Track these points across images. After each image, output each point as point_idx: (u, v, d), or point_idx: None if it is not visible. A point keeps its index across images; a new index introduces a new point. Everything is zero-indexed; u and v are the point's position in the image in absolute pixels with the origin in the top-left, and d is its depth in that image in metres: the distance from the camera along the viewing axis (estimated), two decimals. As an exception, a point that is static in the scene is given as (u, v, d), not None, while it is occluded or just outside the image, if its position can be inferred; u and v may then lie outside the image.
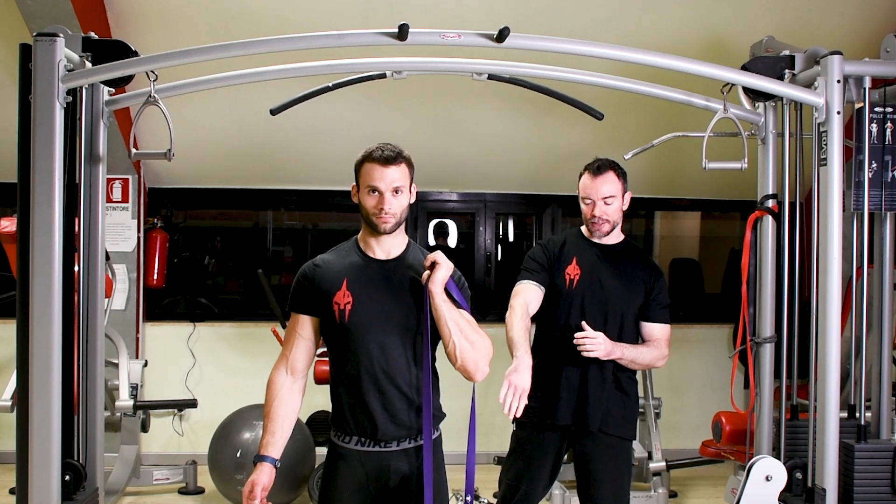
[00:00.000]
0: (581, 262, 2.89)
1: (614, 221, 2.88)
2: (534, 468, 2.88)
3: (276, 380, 2.29)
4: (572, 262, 2.90)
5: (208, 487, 4.61)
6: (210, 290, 6.31)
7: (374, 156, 2.23)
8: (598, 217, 2.85)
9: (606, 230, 2.88)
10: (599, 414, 2.81)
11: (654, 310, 2.87)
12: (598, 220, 2.85)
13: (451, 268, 2.21)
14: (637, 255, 2.96)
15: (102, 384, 2.91)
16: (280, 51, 2.71)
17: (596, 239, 2.93)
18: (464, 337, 2.20)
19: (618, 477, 2.86)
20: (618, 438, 2.86)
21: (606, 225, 2.86)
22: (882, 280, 3.06)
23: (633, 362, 2.80)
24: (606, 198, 2.84)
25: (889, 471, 2.85)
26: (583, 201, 2.90)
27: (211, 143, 4.95)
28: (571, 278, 2.88)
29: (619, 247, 2.94)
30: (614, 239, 2.94)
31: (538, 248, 2.99)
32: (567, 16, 4.30)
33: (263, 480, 2.19)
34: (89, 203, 2.84)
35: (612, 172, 2.86)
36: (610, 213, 2.85)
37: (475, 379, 2.23)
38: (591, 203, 2.87)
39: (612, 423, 2.83)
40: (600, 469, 2.83)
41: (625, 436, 2.89)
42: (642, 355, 2.81)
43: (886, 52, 2.96)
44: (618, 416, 2.84)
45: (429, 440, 2.25)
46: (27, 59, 2.51)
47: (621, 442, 2.88)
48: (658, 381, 4.77)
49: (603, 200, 2.84)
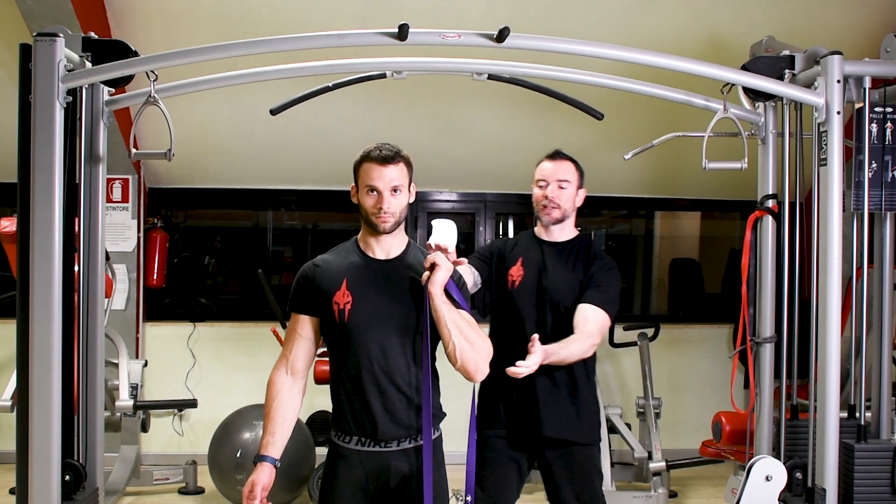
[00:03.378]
0: (526, 263, 2.80)
1: (565, 210, 2.78)
2: (497, 478, 2.77)
3: (276, 380, 2.29)
4: (517, 263, 2.81)
5: (208, 487, 4.61)
6: (210, 290, 6.32)
7: (373, 155, 2.24)
8: (550, 199, 2.75)
9: (556, 217, 2.78)
10: (554, 421, 2.71)
11: (589, 292, 2.70)
12: (549, 204, 2.76)
13: (450, 269, 2.22)
14: (588, 251, 2.82)
15: (102, 384, 2.91)
16: (280, 51, 2.71)
17: (546, 237, 2.83)
18: (464, 338, 2.20)
19: (583, 482, 2.75)
20: (578, 445, 2.76)
21: (557, 211, 2.77)
22: (882, 280, 3.06)
23: (564, 361, 2.61)
24: (561, 181, 2.76)
25: (889, 471, 2.85)
26: (537, 184, 2.81)
27: (211, 143, 4.95)
28: (514, 279, 2.79)
29: (569, 244, 2.83)
30: (567, 235, 2.85)
31: (487, 244, 2.94)
32: (567, 16, 4.30)
33: (263, 480, 2.20)
34: (89, 203, 2.84)
35: (571, 162, 2.81)
36: (562, 199, 2.76)
37: (475, 379, 2.23)
38: (544, 185, 2.77)
39: (568, 429, 2.73)
40: (562, 476, 2.74)
41: (585, 441, 2.77)
42: (571, 352, 2.59)
43: (886, 52, 2.96)
44: (574, 422, 2.74)
45: (429, 440, 2.25)
46: (27, 59, 2.51)
47: (583, 448, 2.77)
48: (658, 381, 4.77)
49: (557, 183, 2.76)
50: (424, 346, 2.25)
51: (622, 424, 4.59)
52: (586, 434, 2.78)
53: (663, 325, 4.90)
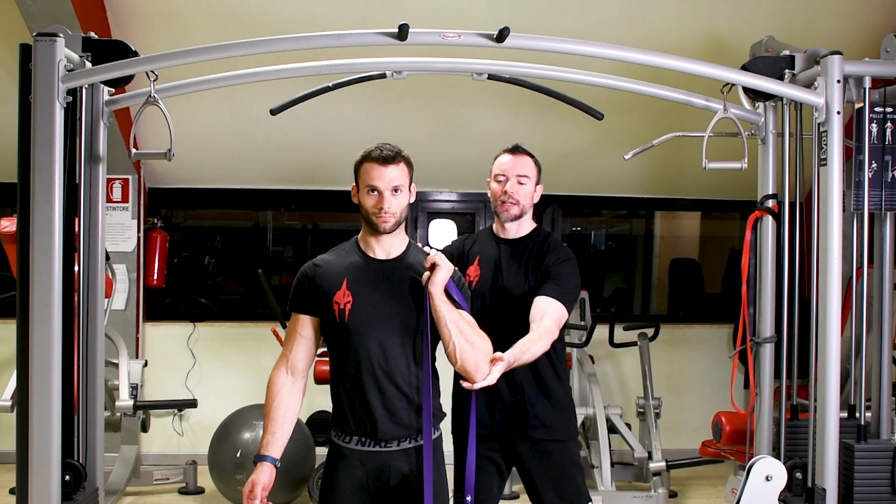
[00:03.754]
0: (482, 262, 2.75)
1: (524, 206, 2.73)
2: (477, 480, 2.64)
3: (276, 380, 2.29)
4: (474, 262, 2.76)
5: (208, 487, 4.61)
6: (210, 290, 6.31)
7: (373, 155, 2.24)
8: (510, 195, 2.69)
9: (515, 213, 2.71)
10: (525, 421, 2.67)
11: (546, 284, 2.61)
12: (509, 200, 2.69)
13: (451, 269, 2.22)
14: (544, 244, 2.74)
15: (102, 384, 2.91)
16: (280, 51, 2.71)
17: (503, 234, 2.77)
18: (464, 338, 2.20)
19: (564, 479, 2.71)
20: (554, 442, 2.70)
21: (515, 208, 2.71)
22: (882, 280, 3.06)
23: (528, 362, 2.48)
24: (521, 176, 2.70)
25: (889, 471, 2.85)
26: (495, 179, 2.74)
27: (211, 143, 4.95)
28: (472, 280, 2.71)
29: (525, 240, 2.75)
30: (524, 230, 2.77)
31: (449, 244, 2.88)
32: (567, 16, 4.30)
33: (263, 480, 2.20)
34: (89, 203, 2.84)
35: (530, 157, 2.77)
36: (521, 195, 2.71)
37: (475, 379, 2.22)
38: (503, 180, 2.71)
39: (541, 427, 2.68)
40: (541, 476, 2.70)
41: (560, 437, 2.72)
42: (533, 353, 2.46)
43: (886, 52, 2.96)
44: (547, 419, 2.68)
45: (429, 440, 2.25)
46: (27, 59, 2.51)
47: (558, 444, 2.71)
48: (658, 381, 4.78)
49: (517, 178, 2.70)
50: (425, 346, 2.25)
51: (622, 424, 4.59)
52: (560, 430, 2.72)
53: (663, 325, 4.90)
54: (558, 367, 2.73)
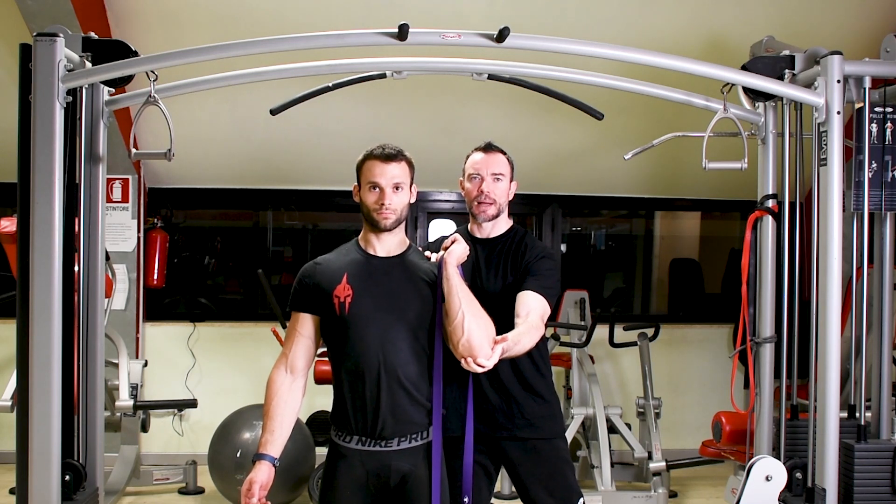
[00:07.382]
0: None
1: (500, 204, 2.66)
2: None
3: (275, 379, 2.29)
4: None
5: (208, 487, 4.61)
6: (210, 290, 6.32)
7: (376, 153, 2.28)
8: (486, 194, 2.62)
9: (492, 213, 2.65)
10: (511, 420, 2.63)
11: (528, 280, 2.56)
12: (485, 199, 2.63)
13: (467, 249, 2.31)
14: (522, 242, 2.68)
15: (102, 384, 2.91)
16: (280, 51, 2.71)
17: (479, 234, 2.72)
18: (472, 311, 2.21)
19: (554, 477, 2.68)
20: (540, 440, 2.66)
21: (492, 207, 2.64)
22: (882, 280, 3.06)
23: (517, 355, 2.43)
24: (496, 174, 2.63)
25: (889, 471, 2.85)
26: (469, 179, 2.67)
27: (211, 143, 4.95)
28: None
29: (502, 239, 2.69)
30: (500, 229, 2.71)
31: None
32: (567, 16, 4.30)
33: (262, 479, 2.20)
34: (89, 203, 2.84)
35: (503, 155, 2.70)
36: (497, 193, 2.64)
37: (477, 355, 2.17)
38: (478, 179, 2.64)
39: (526, 426, 2.64)
40: (531, 475, 2.67)
41: (547, 435, 2.68)
42: (523, 346, 2.40)
43: (886, 52, 2.96)
44: (532, 419, 2.64)
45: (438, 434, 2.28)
46: (27, 59, 2.51)
47: (546, 442, 2.68)
48: (658, 381, 4.77)
49: (493, 176, 2.63)
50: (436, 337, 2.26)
51: (622, 424, 4.59)
52: (547, 428, 2.69)
53: (663, 325, 4.89)
54: (541, 364, 2.70)
